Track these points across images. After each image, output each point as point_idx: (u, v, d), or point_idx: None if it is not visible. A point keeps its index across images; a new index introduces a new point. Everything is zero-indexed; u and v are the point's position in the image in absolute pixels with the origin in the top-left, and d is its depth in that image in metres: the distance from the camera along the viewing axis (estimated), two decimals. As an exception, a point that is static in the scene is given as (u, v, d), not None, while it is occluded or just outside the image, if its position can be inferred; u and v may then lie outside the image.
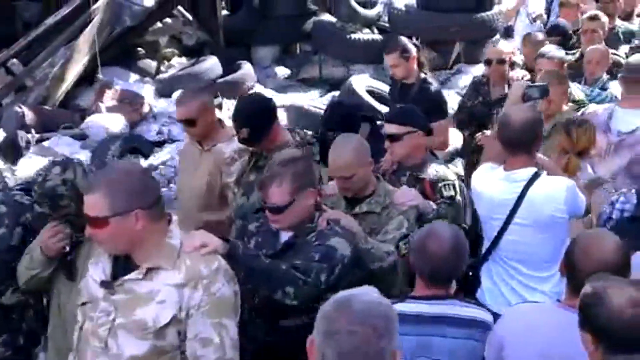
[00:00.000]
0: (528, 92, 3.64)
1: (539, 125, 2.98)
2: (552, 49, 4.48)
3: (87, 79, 6.89)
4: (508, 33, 7.83)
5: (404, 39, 4.46)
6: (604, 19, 5.19)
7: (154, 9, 6.79)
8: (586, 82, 4.55)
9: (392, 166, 3.24)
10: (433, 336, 2.28)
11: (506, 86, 4.46)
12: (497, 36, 7.18)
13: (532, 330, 2.11)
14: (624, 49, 5.37)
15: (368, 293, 1.71)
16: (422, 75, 4.27)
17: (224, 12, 8.27)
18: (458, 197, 3.04)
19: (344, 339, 1.57)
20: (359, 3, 7.66)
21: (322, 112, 6.35)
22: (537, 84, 3.87)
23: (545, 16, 7.14)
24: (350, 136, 3.06)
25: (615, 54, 4.90)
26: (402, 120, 3.21)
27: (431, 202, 3.00)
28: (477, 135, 4.21)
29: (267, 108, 3.37)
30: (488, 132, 3.89)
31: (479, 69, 6.78)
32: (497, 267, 2.97)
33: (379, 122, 3.88)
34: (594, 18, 5.16)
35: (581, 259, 2.04)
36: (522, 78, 4.53)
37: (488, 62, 4.65)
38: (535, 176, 2.86)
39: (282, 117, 6.55)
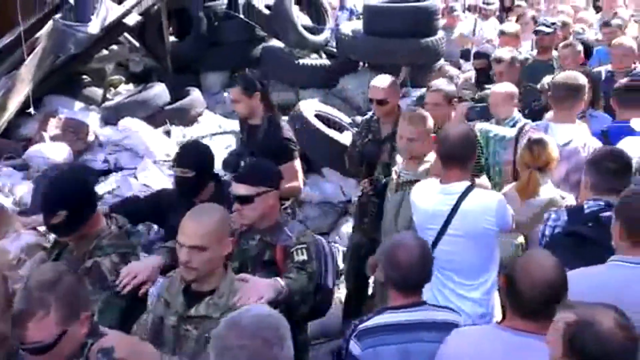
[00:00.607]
0: (470, 113, 3.91)
1: (474, 142, 3.23)
2: (440, 83, 4.41)
3: (30, 108, 6.71)
4: (466, 57, 8.13)
5: (251, 76, 4.27)
6: (512, 54, 5.30)
7: (99, 36, 6.68)
8: (497, 122, 4.60)
9: (241, 228, 2.89)
10: (412, 343, 2.42)
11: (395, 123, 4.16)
12: (442, 60, 7.33)
13: (478, 354, 2.15)
14: None
15: (257, 308, 1.91)
16: (271, 115, 4.08)
17: (172, 38, 8.21)
18: (311, 262, 2.77)
19: (236, 353, 1.67)
20: (306, 29, 7.74)
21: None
22: (478, 105, 4.08)
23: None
24: (216, 207, 2.61)
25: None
26: (254, 180, 2.87)
27: (280, 281, 2.64)
28: (363, 181, 4.20)
29: (90, 188, 2.88)
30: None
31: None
32: (434, 278, 2.99)
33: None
34: (499, 61, 5.21)
35: (522, 279, 2.09)
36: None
37: (370, 101, 4.47)
38: (469, 189, 3.06)
39: (232, 142, 6.54)
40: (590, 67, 5.61)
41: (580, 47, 5.59)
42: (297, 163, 4.14)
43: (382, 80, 4.42)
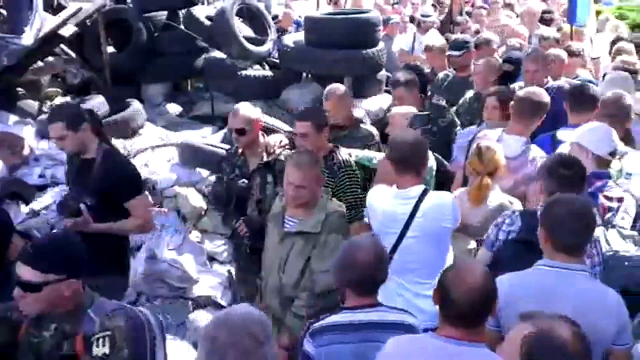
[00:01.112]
0: (413, 121, 3.94)
1: (425, 148, 3.32)
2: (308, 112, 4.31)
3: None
4: None
5: (74, 108, 3.76)
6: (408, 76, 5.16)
7: (34, 47, 6.49)
8: None
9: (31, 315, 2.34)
10: (366, 342, 2.45)
11: (264, 154, 3.89)
12: (383, 71, 7.45)
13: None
14: None
15: (243, 306, 1.97)
16: (106, 147, 3.54)
17: (111, 49, 8.06)
18: (119, 353, 2.21)
19: (226, 350, 1.71)
20: (248, 40, 7.72)
21: (217, 149, 6.37)
22: (420, 113, 4.18)
23: None
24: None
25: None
26: (43, 265, 2.24)
27: None
28: (239, 223, 3.77)
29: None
30: None
31: (367, 103, 7.04)
32: (392, 279, 3.08)
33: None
34: (395, 85, 5.14)
35: (453, 288, 2.14)
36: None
37: (230, 131, 4.21)
38: (425, 192, 3.19)
39: (175, 155, 6.45)
40: (517, 81, 5.52)
41: (495, 62, 5.57)
42: (143, 197, 3.72)
43: (243, 107, 3.96)
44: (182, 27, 7.98)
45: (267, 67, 7.95)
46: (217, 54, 7.85)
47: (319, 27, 7.30)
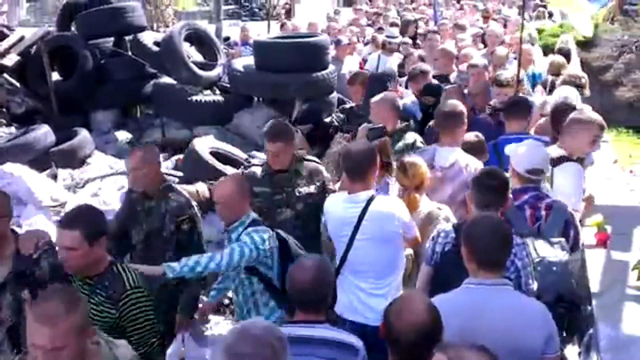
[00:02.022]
0: (370, 133, 4.22)
1: (374, 157, 3.48)
2: None
3: None
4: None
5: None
6: None
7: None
8: None
9: None
10: (304, 356, 2.51)
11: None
12: (334, 94, 7.49)
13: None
14: None
15: (261, 321, 2.17)
16: None
17: (57, 77, 7.88)
18: None
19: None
20: (197, 65, 7.67)
21: (168, 176, 6.26)
22: (375, 126, 4.40)
23: None
24: None
25: None
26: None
27: None
28: None
29: None
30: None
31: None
32: (347, 279, 3.39)
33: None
34: None
35: (396, 326, 2.19)
36: None
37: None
38: (372, 198, 3.36)
39: (125, 183, 6.31)
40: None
41: (392, 99, 5.22)
42: None
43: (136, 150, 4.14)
44: (129, 53, 7.86)
45: (217, 91, 7.90)
46: (166, 79, 7.76)
47: (269, 51, 7.32)
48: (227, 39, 12.74)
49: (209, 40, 8.18)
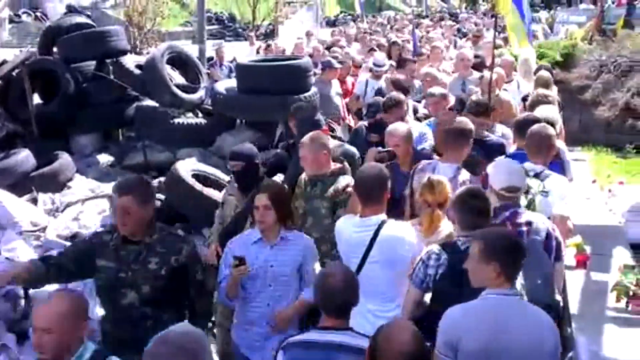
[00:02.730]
0: (380, 156, 4.38)
1: (386, 181, 3.52)
2: None
3: None
4: None
5: None
6: None
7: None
8: None
9: None
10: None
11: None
12: (318, 115, 7.49)
13: None
14: None
15: (183, 325, 2.25)
16: None
17: (37, 100, 7.85)
18: None
19: None
20: (180, 88, 7.69)
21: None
22: (386, 149, 4.52)
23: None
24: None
25: None
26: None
27: None
28: None
29: None
30: None
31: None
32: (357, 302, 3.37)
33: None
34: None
35: (383, 352, 2.26)
36: None
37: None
38: (384, 222, 3.41)
39: (107, 207, 6.28)
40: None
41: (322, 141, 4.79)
42: None
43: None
44: (111, 76, 7.86)
45: (200, 114, 7.91)
46: (149, 102, 7.77)
47: (251, 73, 7.37)
48: (210, 59, 12.82)
49: (191, 63, 8.21)
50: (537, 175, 4.10)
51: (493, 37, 6.81)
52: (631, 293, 4.13)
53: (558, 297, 3.59)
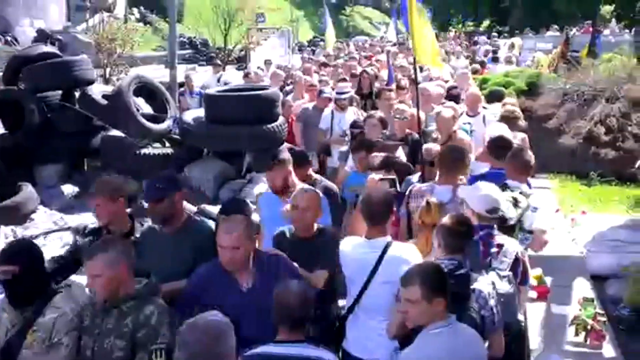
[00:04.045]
0: (382, 183, 4.63)
1: (392, 204, 3.75)
2: None
3: None
4: None
5: None
6: None
7: None
8: None
9: None
10: None
11: None
12: (284, 145, 7.53)
13: None
14: None
15: (212, 313, 2.62)
16: None
17: (2, 130, 7.75)
18: None
19: (192, 345, 2.43)
20: (147, 117, 7.65)
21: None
22: (387, 177, 4.80)
23: None
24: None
25: None
26: None
27: None
28: None
29: None
30: None
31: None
32: (360, 319, 3.60)
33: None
34: None
35: None
36: None
37: None
38: (390, 243, 3.59)
39: (70, 239, 6.18)
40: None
41: None
42: None
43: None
44: (77, 106, 7.79)
45: (167, 144, 7.87)
46: (115, 132, 7.71)
47: (219, 103, 7.36)
48: (182, 84, 12.81)
49: (159, 92, 8.19)
50: (522, 193, 4.44)
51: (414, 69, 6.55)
52: (589, 327, 4.20)
53: (520, 317, 3.78)
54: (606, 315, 4.55)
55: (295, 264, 3.60)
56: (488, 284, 3.36)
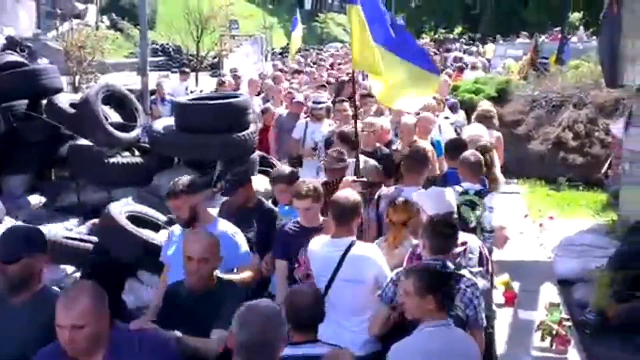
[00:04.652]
0: (354, 186, 4.72)
1: (359, 206, 3.88)
2: None
3: None
4: None
5: None
6: None
7: None
8: None
9: None
10: None
11: None
12: (255, 154, 7.51)
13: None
14: None
15: (265, 300, 2.72)
16: None
17: (-35, 141, 7.58)
18: None
19: (251, 326, 2.43)
20: (116, 126, 7.57)
21: (82, 243, 6.07)
22: (360, 179, 4.97)
23: None
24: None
25: None
26: None
27: None
28: None
29: None
30: None
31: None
32: (330, 314, 3.50)
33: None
34: None
35: None
36: None
37: None
38: (354, 242, 3.74)
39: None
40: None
41: None
42: None
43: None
44: (43, 116, 7.67)
45: (137, 152, 7.79)
46: (83, 141, 7.60)
47: (189, 112, 7.31)
48: (153, 92, 12.70)
49: (128, 101, 8.10)
50: (477, 194, 4.70)
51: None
52: (555, 332, 4.26)
53: (493, 309, 3.99)
54: (572, 320, 4.62)
55: (178, 333, 2.98)
56: (472, 284, 3.46)
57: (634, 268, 5.10)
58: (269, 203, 5.23)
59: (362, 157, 5.42)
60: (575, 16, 37.11)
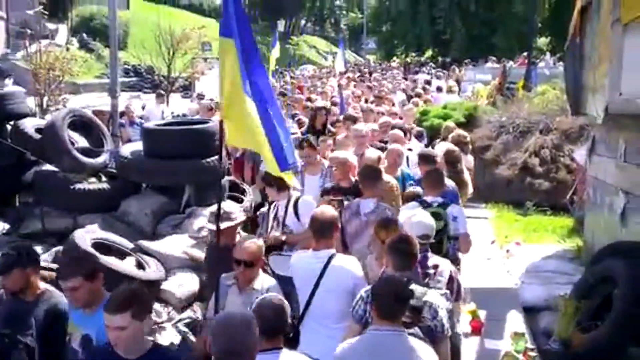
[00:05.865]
0: (333, 203, 5.12)
1: (337, 221, 4.21)
2: None
3: None
4: None
5: None
6: None
7: None
8: None
9: None
10: None
11: None
12: (224, 179, 7.47)
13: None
14: None
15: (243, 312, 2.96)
16: None
17: None
18: None
19: (228, 334, 2.64)
20: (82, 152, 7.47)
21: (46, 272, 5.92)
22: (336, 198, 5.40)
23: None
24: None
25: None
26: None
27: None
28: None
29: None
30: None
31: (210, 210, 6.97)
32: (310, 324, 3.92)
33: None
34: None
35: None
36: None
37: None
38: (334, 255, 4.03)
39: (-2, 279, 5.92)
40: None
41: None
42: None
43: None
44: (8, 140, 7.54)
45: (104, 178, 7.68)
46: (49, 167, 7.48)
47: (157, 137, 7.26)
48: (122, 114, 12.57)
49: (95, 126, 8.01)
50: (440, 206, 5.09)
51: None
52: (519, 362, 4.28)
53: (458, 330, 4.18)
54: (538, 349, 4.65)
55: None
56: (438, 297, 3.57)
57: (597, 297, 5.15)
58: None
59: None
60: (542, 41, 37.95)
